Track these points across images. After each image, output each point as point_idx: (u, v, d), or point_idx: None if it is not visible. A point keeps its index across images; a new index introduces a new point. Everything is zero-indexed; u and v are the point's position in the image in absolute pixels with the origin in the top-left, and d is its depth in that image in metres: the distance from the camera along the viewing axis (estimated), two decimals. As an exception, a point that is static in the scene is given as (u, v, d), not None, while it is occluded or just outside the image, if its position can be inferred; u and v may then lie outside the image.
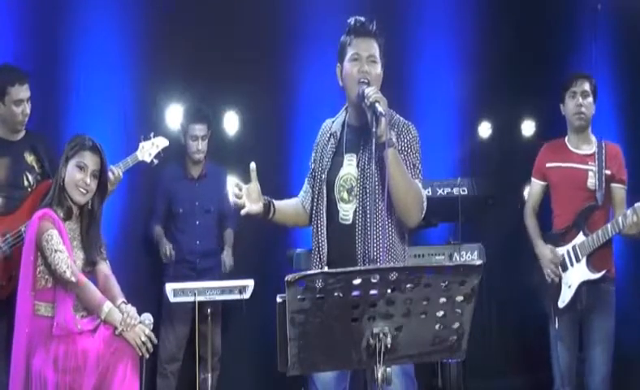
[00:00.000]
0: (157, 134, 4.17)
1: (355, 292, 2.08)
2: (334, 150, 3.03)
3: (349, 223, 2.92)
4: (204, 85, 5.03)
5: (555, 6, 5.51)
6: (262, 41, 5.14)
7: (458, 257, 4.26)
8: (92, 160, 3.47)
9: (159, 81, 5.05)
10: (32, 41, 4.69)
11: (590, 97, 4.06)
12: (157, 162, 4.14)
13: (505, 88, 5.46)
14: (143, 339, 3.34)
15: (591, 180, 3.99)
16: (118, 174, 3.81)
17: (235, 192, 2.92)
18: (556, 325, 3.96)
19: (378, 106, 2.67)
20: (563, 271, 4.00)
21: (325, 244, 2.97)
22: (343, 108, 3.10)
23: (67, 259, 3.33)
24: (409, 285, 2.08)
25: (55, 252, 3.32)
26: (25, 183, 3.90)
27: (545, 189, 4.20)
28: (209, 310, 4.30)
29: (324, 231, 2.98)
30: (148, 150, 4.08)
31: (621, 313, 4.14)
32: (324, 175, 3.01)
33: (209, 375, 4.49)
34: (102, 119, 4.73)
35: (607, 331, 3.97)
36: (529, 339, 5.13)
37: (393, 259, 2.90)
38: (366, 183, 2.87)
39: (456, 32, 5.55)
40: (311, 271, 2.13)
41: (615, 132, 4.96)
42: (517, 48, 5.39)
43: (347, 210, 2.94)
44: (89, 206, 3.53)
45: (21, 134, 3.97)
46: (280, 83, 5.27)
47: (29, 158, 3.95)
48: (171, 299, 4.19)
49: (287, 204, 3.16)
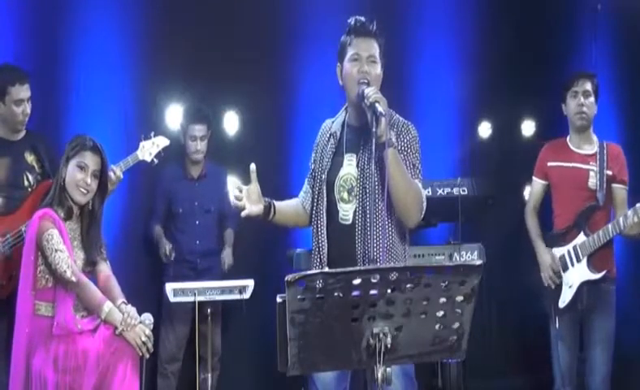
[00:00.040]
0: (157, 134, 4.17)
1: (355, 292, 2.08)
2: (334, 150, 3.02)
3: (349, 223, 2.92)
4: (204, 85, 5.03)
5: (555, 6, 5.51)
6: (262, 41, 5.13)
7: (458, 257, 4.26)
8: (92, 160, 3.47)
9: (159, 81, 5.05)
10: (32, 41, 4.69)
11: (592, 97, 4.05)
12: (157, 161, 4.14)
13: (505, 88, 5.45)
14: (143, 339, 3.34)
15: (592, 180, 3.98)
16: (119, 173, 3.81)
17: (236, 194, 2.92)
18: (557, 325, 3.95)
19: (377, 106, 2.67)
20: (563, 271, 3.99)
21: (325, 244, 2.97)
22: (342, 108, 3.10)
23: (67, 259, 3.33)
24: (409, 285, 2.08)
25: (56, 251, 3.32)
26: (25, 183, 3.90)
27: (546, 189, 4.19)
28: (209, 310, 4.30)
29: (324, 232, 2.97)
30: (148, 150, 4.08)
31: (622, 313, 4.14)
32: (324, 176, 3.00)
33: (209, 375, 4.49)
34: (102, 119, 4.73)
35: (608, 331, 3.97)
36: (529, 339, 5.14)
37: (393, 259, 2.89)
38: (366, 183, 2.87)
39: (456, 32, 5.54)
40: (311, 271, 2.13)
41: (615, 133, 4.95)
42: (517, 48, 5.39)
43: (347, 210, 2.94)
44: (90, 206, 3.53)
45: (21, 134, 3.97)
46: (280, 83, 5.26)
47: (29, 157, 3.94)
48: (171, 299, 4.19)
49: (287, 205, 3.16)
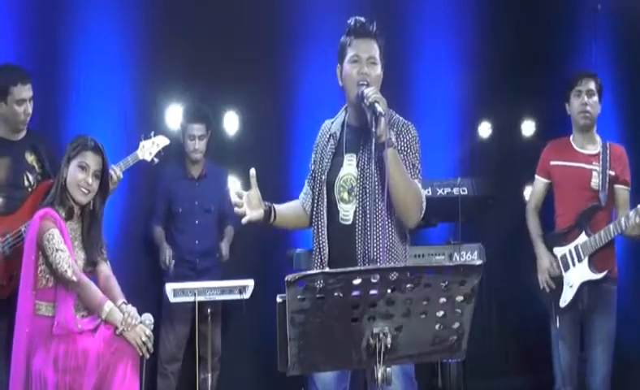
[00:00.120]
0: (157, 134, 4.17)
1: (355, 292, 2.08)
2: (333, 151, 3.02)
3: (349, 223, 2.92)
4: (204, 85, 5.02)
5: (555, 6, 5.51)
6: (262, 41, 5.13)
7: (458, 257, 4.26)
8: (94, 160, 3.48)
9: (159, 81, 5.05)
10: (32, 41, 4.69)
11: (596, 96, 4.05)
12: (157, 161, 4.14)
13: (505, 88, 5.45)
14: (144, 339, 3.34)
15: (595, 180, 3.98)
16: (119, 173, 3.81)
17: (236, 200, 2.92)
18: (557, 324, 3.95)
19: (377, 106, 2.67)
20: (565, 271, 4.00)
21: (326, 244, 2.96)
22: (342, 108, 3.10)
23: (68, 259, 3.34)
24: (409, 285, 2.08)
25: (56, 251, 3.32)
26: (26, 183, 3.90)
27: (548, 187, 4.19)
28: (209, 310, 4.30)
29: (325, 232, 2.97)
30: (148, 149, 4.08)
31: (622, 313, 4.13)
32: (324, 176, 3.00)
33: (209, 375, 4.48)
34: (102, 119, 4.73)
35: (609, 332, 3.97)
36: (529, 339, 5.13)
37: (393, 259, 2.89)
38: (366, 183, 2.87)
39: (456, 32, 5.54)
40: (311, 271, 2.13)
41: (615, 133, 4.95)
42: (517, 48, 5.39)
43: (347, 211, 2.94)
44: (91, 206, 3.53)
45: (22, 134, 3.97)
46: (280, 83, 5.26)
47: (30, 157, 3.94)
48: (171, 299, 4.19)
49: (287, 207, 3.15)
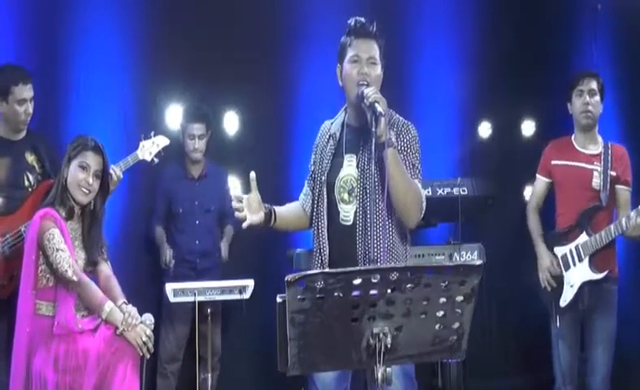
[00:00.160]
0: (157, 134, 4.17)
1: (355, 292, 2.08)
2: (333, 151, 3.02)
3: (350, 223, 2.92)
4: (204, 85, 5.02)
5: (555, 6, 5.50)
6: (262, 41, 5.13)
7: (458, 257, 4.26)
8: (94, 160, 3.48)
9: (159, 81, 5.05)
10: (32, 41, 4.69)
11: (597, 96, 4.05)
12: (157, 160, 4.15)
13: (505, 88, 5.45)
14: (144, 339, 3.34)
15: (596, 180, 3.98)
16: (119, 173, 3.82)
17: (236, 205, 2.92)
18: (558, 324, 3.95)
19: (377, 106, 2.67)
20: (565, 270, 4.00)
21: (326, 245, 2.96)
22: (342, 109, 3.10)
23: (68, 258, 3.34)
24: (409, 285, 2.08)
25: (57, 251, 3.32)
26: (26, 183, 3.90)
27: (549, 187, 4.19)
28: (209, 310, 4.30)
29: (325, 233, 2.97)
30: (148, 149, 4.08)
31: (623, 313, 4.13)
32: (324, 177, 3.00)
33: (209, 375, 4.48)
34: (102, 119, 4.73)
35: (609, 332, 3.97)
36: (529, 339, 5.13)
37: (394, 259, 2.89)
38: (366, 183, 2.87)
39: (456, 32, 5.54)
40: (311, 271, 2.12)
41: (615, 133, 4.95)
42: (517, 48, 5.39)
43: (347, 211, 2.94)
44: (91, 206, 3.53)
45: (22, 134, 3.97)
46: (280, 83, 5.26)
47: (30, 157, 3.94)
48: (171, 299, 4.19)
49: (287, 209, 3.15)
